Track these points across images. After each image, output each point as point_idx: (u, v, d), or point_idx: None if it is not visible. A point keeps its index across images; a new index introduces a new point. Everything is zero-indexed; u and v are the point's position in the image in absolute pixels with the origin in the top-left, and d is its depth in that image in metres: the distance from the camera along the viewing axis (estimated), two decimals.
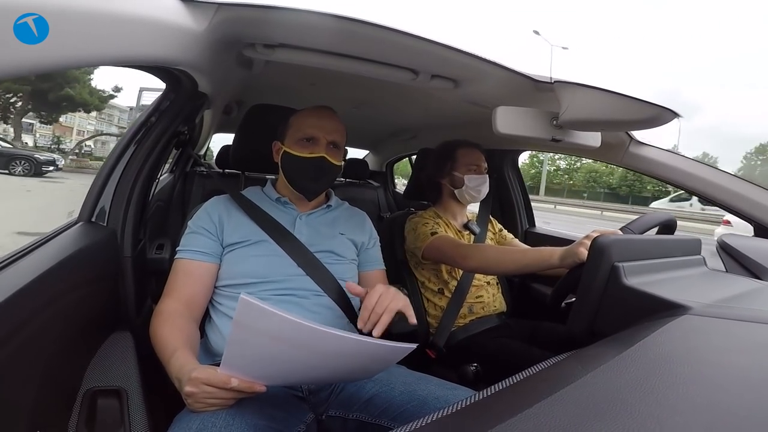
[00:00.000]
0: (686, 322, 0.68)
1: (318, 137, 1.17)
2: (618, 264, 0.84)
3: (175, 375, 0.83)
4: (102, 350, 1.00)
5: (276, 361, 0.75)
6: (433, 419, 0.48)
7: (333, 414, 1.00)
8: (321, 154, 1.16)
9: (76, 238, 0.99)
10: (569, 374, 0.53)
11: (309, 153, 1.17)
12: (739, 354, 0.57)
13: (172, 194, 2.02)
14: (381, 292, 0.96)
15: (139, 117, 1.25)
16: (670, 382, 0.48)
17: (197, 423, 0.75)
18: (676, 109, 0.94)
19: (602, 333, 0.79)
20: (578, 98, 1.07)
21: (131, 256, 1.14)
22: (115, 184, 1.15)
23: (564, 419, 0.41)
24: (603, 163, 1.70)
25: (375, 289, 0.97)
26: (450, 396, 0.94)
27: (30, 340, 0.69)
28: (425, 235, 1.58)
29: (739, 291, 0.90)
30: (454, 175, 1.70)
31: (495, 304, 1.70)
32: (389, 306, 0.93)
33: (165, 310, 1.01)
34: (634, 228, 1.14)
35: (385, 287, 0.98)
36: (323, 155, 1.16)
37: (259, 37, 1.02)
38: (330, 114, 1.22)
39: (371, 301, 0.94)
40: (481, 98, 1.38)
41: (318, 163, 1.17)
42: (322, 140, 1.17)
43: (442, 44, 0.99)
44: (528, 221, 2.25)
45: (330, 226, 1.24)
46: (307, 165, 1.17)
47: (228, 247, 1.13)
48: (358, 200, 2.43)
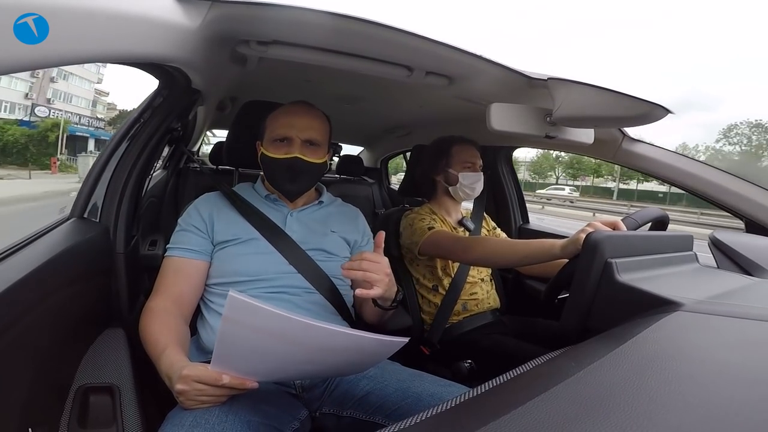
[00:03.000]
0: (678, 318, 0.68)
1: (291, 137, 1.14)
2: (611, 260, 0.84)
3: (165, 373, 0.82)
4: (94, 347, 1.00)
5: (267, 357, 0.75)
6: (427, 416, 0.48)
7: (327, 411, 1.00)
8: (294, 154, 1.13)
9: (68, 234, 0.99)
10: (562, 371, 0.53)
11: (283, 154, 1.14)
12: (730, 350, 0.58)
13: (166, 190, 2.00)
14: (384, 263, 0.96)
15: (133, 113, 1.24)
16: (662, 378, 0.48)
17: (190, 419, 0.75)
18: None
19: (595, 329, 0.79)
20: (571, 95, 1.07)
21: (124, 252, 1.13)
22: (107, 180, 1.14)
23: (557, 416, 0.41)
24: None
25: (383, 257, 0.97)
26: (444, 393, 0.95)
27: (22, 336, 0.69)
28: (422, 230, 1.58)
29: (731, 287, 0.91)
30: (448, 172, 1.70)
31: (489, 300, 1.70)
32: (377, 278, 0.93)
33: (154, 307, 1.00)
34: (637, 218, 1.15)
35: (390, 269, 0.98)
36: (297, 155, 1.13)
37: (252, 34, 1.01)
38: (305, 110, 1.19)
39: (371, 257, 0.95)
40: (475, 95, 1.38)
41: (292, 164, 1.14)
42: (295, 140, 1.14)
43: (436, 41, 0.99)
44: (522, 217, 2.25)
45: (322, 224, 1.23)
46: (282, 166, 1.15)
47: (219, 245, 1.12)
48: (353, 197, 2.43)
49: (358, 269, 0.93)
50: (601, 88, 1.00)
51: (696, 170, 1.44)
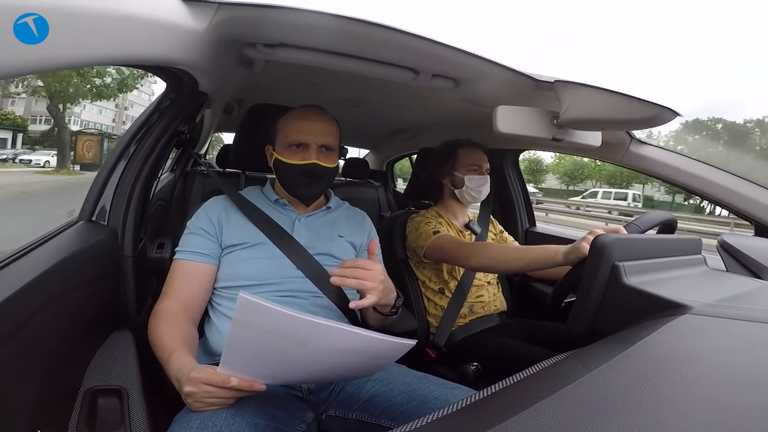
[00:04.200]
0: (686, 321, 0.68)
1: (308, 142, 1.14)
2: (618, 263, 0.84)
3: (174, 375, 0.82)
4: (102, 349, 1.00)
5: (275, 359, 0.75)
6: (433, 419, 0.48)
7: (333, 414, 1.00)
8: (312, 160, 1.13)
9: (76, 237, 1.00)
10: (569, 373, 0.53)
11: (300, 160, 1.13)
12: (740, 353, 0.57)
13: (173, 193, 2.02)
14: (378, 270, 0.97)
15: (140, 116, 1.25)
16: (671, 381, 0.48)
17: (198, 422, 0.75)
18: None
19: (603, 332, 0.79)
20: (578, 97, 1.07)
21: (132, 255, 1.14)
22: (115, 184, 1.14)
23: (564, 418, 0.41)
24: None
25: (377, 264, 0.98)
26: (450, 395, 0.94)
27: (30, 339, 0.69)
28: (427, 234, 1.58)
29: (740, 290, 0.90)
30: (454, 175, 1.70)
31: (495, 303, 1.70)
32: (370, 285, 0.95)
33: (163, 310, 1.01)
34: (640, 224, 1.14)
35: (385, 275, 0.99)
36: (314, 161, 1.13)
37: (259, 37, 1.02)
38: (319, 115, 1.18)
39: (365, 264, 0.96)
40: (481, 98, 1.37)
41: (310, 170, 1.14)
42: (312, 145, 1.14)
43: (442, 44, 0.99)
44: (528, 220, 2.25)
45: (329, 228, 1.23)
46: (299, 172, 1.14)
47: (227, 248, 1.12)
48: (359, 199, 2.43)
49: (352, 276, 0.94)
50: (608, 91, 1.00)
51: (704, 173, 1.43)
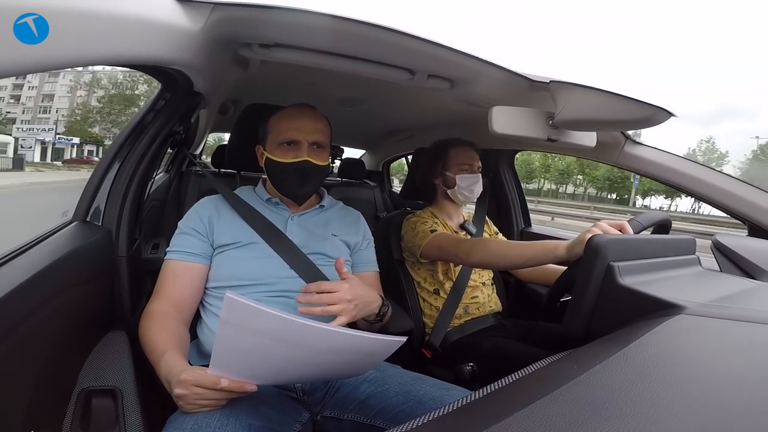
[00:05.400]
0: (681, 321, 0.68)
1: (299, 140, 1.14)
2: (613, 263, 0.84)
3: (164, 377, 0.82)
4: (97, 350, 1.00)
5: (266, 360, 0.74)
6: (428, 419, 0.48)
7: (328, 414, 1.00)
8: (304, 158, 1.13)
9: (71, 237, 0.99)
10: (565, 374, 0.53)
11: (292, 158, 1.13)
12: (734, 354, 0.58)
13: (168, 194, 2.01)
14: (344, 290, 0.97)
15: (135, 116, 1.24)
16: (665, 381, 0.48)
17: (191, 423, 0.75)
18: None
19: (598, 332, 0.79)
20: (574, 98, 1.07)
21: (126, 255, 1.13)
22: (110, 184, 1.14)
23: (559, 418, 0.41)
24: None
25: (343, 284, 0.98)
26: (446, 396, 0.94)
27: (25, 339, 0.69)
28: (425, 233, 1.58)
29: (734, 291, 0.91)
30: (446, 175, 1.70)
31: (490, 304, 1.70)
32: (337, 309, 0.95)
33: (154, 311, 1.00)
34: (641, 220, 1.15)
35: (354, 292, 0.99)
36: (306, 159, 1.13)
37: (255, 37, 1.01)
38: (310, 113, 1.18)
39: (328, 287, 0.97)
40: (477, 98, 1.38)
41: (302, 168, 1.14)
42: (303, 143, 1.14)
43: (438, 44, 0.99)
44: (524, 221, 2.25)
45: (323, 228, 1.23)
46: (290, 170, 1.14)
47: (218, 248, 1.12)
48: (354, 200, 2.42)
49: (317, 303, 0.94)
50: (603, 91, 1.00)
51: (698, 174, 1.44)
